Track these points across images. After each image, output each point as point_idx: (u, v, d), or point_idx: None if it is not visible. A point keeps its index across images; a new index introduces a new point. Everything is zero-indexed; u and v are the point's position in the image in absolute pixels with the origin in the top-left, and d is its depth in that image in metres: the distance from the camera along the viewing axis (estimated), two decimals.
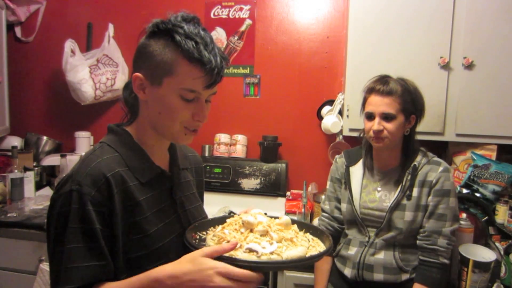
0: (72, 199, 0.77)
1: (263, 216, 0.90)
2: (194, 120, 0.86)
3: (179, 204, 0.96)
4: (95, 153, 0.85)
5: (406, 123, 1.37)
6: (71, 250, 0.76)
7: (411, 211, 1.34)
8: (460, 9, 1.74)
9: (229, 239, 0.82)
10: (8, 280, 1.86)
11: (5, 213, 1.89)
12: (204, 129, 2.42)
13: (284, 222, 0.90)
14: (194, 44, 0.79)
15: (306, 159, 2.36)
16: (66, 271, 0.75)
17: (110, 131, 0.92)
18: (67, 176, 0.81)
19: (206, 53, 0.80)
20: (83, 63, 2.30)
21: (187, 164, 1.07)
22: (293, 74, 2.34)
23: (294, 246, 0.84)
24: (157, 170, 0.91)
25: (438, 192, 1.33)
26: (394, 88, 1.34)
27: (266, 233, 0.84)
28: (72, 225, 0.76)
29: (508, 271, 1.44)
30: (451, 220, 1.33)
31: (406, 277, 1.35)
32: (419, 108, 1.39)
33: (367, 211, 1.40)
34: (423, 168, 1.37)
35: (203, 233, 0.95)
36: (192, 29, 0.81)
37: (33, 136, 2.47)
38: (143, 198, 0.86)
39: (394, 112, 1.33)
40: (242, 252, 0.78)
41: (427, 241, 1.33)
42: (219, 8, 2.39)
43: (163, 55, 0.81)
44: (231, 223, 0.91)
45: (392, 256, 1.36)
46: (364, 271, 1.37)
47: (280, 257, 0.78)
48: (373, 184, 1.43)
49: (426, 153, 1.42)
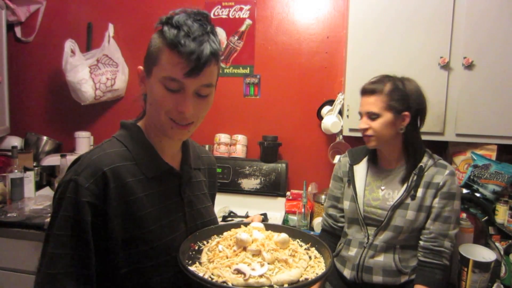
0: (69, 188, 0.79)
1: (260, 233, 0.87)
2: (178, 111, 0.82)
3: (187, 202, 0.95)
4: (102, 146, 0.87)
5: (398, 121, 1.35)
6: (57, 238, 0.78)
7: (413, 211, 1.34)
8: (460, 9, 1.74)
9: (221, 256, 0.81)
10: (8, 280, 1.85)
11: (5, 213, 1.89)
12: (204, 129, 2.44)
13: (281, 240, 0.85)
14: (177, 31, 0.78)
15: (306, 159, 2.36)
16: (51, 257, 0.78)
17: (122, 126, 0.94)
18: (73, 166, 0.84)
19: (186, 40, 0.77)
20: (83, 63, 2.30)
21: (200, 165, 1.06)
22: (293, 74, 2.34)
23: (288, 268, 0.79)
24: (165, 167, 0.91)
25: (445, 195, 1.34)
26: (378, 87, 1.35)
27: (260, 253, 0.81)
28: (63, 213, 0.78)
29: (508, 271, 1.44)
30: (455, 223, 1.35)
31: (405, 279, 1.35)
32: (415, 106, 1.36)
33: (369, 209, 1.41)
34: (429, 170, 1.37)
35: (204, 242, 0.93)
36: (182, 18, 0.79)
37: (33, 136, 2.47)
38: (146, 194, 0.85)
39: (378, 111, 1.34)
40: (230, 273, 0.75)
41: (433, 242, 1.33)
42: (219, 8, 2.39)
43: (153, 46, 0.83)
44: (226, 237, 0.89)
45: (392, 258, 1.36)
46: (363, 273, 1.37)
47: (269, 281, 0.74)
48: (377, 182, 1.44)
49: (432, 155, 1.42)
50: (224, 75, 2.43)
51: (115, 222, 0.80)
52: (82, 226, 0.78)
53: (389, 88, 1.34)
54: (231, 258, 0.80)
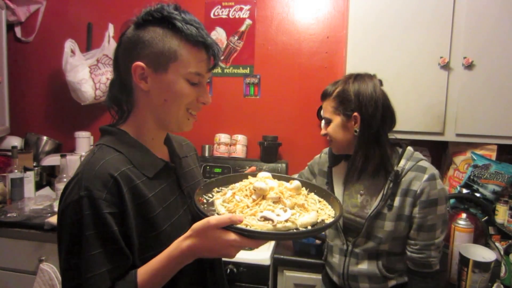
0: (83, 205, 0.74)
1: (272, 181, 0.90)
2: (199, 102, 0.89)
3: (187, 195, 0.96)
4: (95, 156, 0.82)
5: (350, 123, 1.25)
6: (90, 258, 0.73)
7: (391, 221, 1.23)
8: (460, 9, 1.74)
9: (242, 206, 0.82)
10: (8, 280, 1.86)
11: (5, 213, 1.89)
12: (204, 129, 2.44)
13: (295, 187, 0.90)
14: (196, 29, 0.83)
15: (306, 159, 2.33)
16: (88, 281, 0.73)
17: (104, 132, 0.90)
18: (72, 184, 0.79)
19: (208, 37, 0.85)
20: (83, 63, 2.30)
21: (186, 152, 1.08)
22: (293, 74, 2.34)
23: (306, 211, 0.84)
24: (162, 163, 0.90)
25: (425, 204, 1.19)
26: (327, 91, 1.30)
27: (279, 200, 0.84)
28: (87, 232, 0.74)
29: (508, 271, 1.44)
30: (441, 227, 1.23)
31: (393, 284, 1.28)
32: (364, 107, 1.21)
33: (348, 216, 1.31)
34: (406, 175, 1.22)
35: (209, 195, 0.94)
36: (187, 15, 0.84)
37: (33, 136, 2.47)
38: (152, 194, 0.85)
39: (329, 116, 1.29)
40: (257, 221, 0.77)
41: (420, 254, 1.23)
42: (219, 8, 2.39)
43: (165, 41, 0.82)
44: (241, 188, 0.90)
45: (375, 265, 1.27)
46: (350, 281, 1.31)
47: (295, 225, 0.78)
48: (356, 186, 1.32)
49: (412, 156, 1.26)
50: (224, 75, 2.43)
51: (132, 228, 0.79)
52: (112, 237, 0.75)
53: (337, 91, 1.27)
54: (253, 207, 0.82)
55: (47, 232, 1.77)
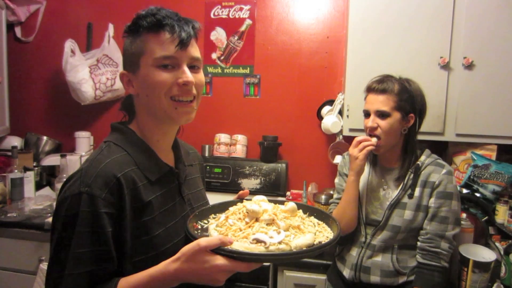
0: (82, 201, 0.74)
1: (267, 204, 0.88)
2: (180, 85, 0.83)
3: (187, 201, 0.96)
4: (102, 153, 0.83)
5: (404, 122, 1.36)
6: (76, 256, 0.73)
7: (411, 210, 1.34)
8: (460, 9, 1.74)
9: (234, 229, 0.80)
10: (8, 280, 1.86)
11: (5, 213, 1.89)
12: (204, 129, 2.44)
13: (290, 209, 0.88)
14: (152, 16, 0.83)
15: (306, 159, 2.36)
16: (67, 278, 0.73)
17: (115, 129, 0.91)
18: (74, 177, 0.79)
19: (167, 19, 0.82)
20: (83, 63, 2.30)
21: (191, 161, 1.07)
22: (293, 74, 2.34)
23: (302, 233, 0.81)
24: (166, 168, 0.90)
25: (441, 194, 1.32)
26: (389, 86, 1.34)
27: (273, 222, 0.82)
28: (80, 229, 0.74)
29: (508, 271, 1.44)
30: (453, 224, 1.32)
31: (403, 280, 1.35)
32: (419, 108, 1.38)
33: (370, 209, 1.41)
34: (426, 169, 1.36)
35: (204, 221, 0.92)
36: (152, 8, 0.84)
37: (33, 136, 2.47)
38: (152, 198, 0.84)
39: (388, 110, 1.33)
40: (249, 243, 0.75)
41: (429, 243, 1.32)
42: (219, 8, 2.39)
43: (134, 43, 0.85)
44: (235, 212, 0.89)
45: (389, 258, 1.36)
46: (361, 273, 1.37)
47: (289, 247, 0.76)
48: (379, 181, 1.44)
49: (431, 155, 1.42)
50: (224, 75, 2.43)
51: (128, 230, 0.79)
52: (103, 239, 0.75)
53: (398, 88, 1.34)
54: (245, 230, 0.80)
55: (47, 232, 1.77)
